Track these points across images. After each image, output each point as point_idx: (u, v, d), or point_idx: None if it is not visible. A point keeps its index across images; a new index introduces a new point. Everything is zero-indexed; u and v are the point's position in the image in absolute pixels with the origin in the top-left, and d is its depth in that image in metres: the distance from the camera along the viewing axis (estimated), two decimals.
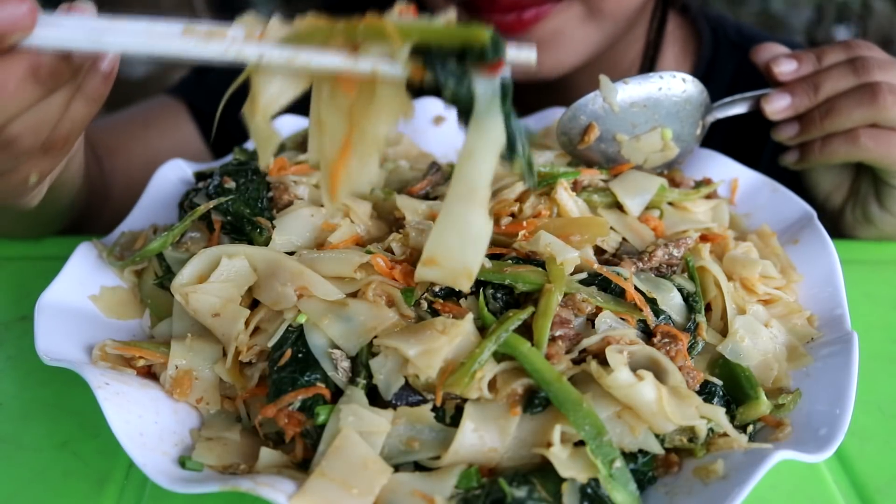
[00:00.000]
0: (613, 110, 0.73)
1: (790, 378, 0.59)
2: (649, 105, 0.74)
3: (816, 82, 0.75)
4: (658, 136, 0.75)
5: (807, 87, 0.76)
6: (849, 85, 0.74)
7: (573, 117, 0.74)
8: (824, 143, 0.77)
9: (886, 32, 3.12)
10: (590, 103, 0.73)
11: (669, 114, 0.75)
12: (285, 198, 0.67)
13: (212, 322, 0.58)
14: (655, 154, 0.76)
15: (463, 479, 0.49)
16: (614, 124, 0.74)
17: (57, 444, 0.58)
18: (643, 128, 0.75)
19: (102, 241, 0.71)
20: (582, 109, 0.74)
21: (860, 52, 0.75)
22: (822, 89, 0.75)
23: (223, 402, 0.58)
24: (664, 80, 0.74)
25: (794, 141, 0.79)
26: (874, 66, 0.74)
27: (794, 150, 0.81)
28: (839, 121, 0.74)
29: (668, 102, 0.74)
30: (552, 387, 0.50)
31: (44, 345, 0.56)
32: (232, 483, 0.46)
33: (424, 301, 0.57)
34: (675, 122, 0.75)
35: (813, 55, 0.77)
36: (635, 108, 0.74)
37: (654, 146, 0.75)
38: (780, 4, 3.29)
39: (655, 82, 0.74)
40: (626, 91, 0.73)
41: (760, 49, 0.79)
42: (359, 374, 0.53)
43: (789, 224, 0.75)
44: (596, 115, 0.73)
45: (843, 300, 0.64)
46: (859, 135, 0.75)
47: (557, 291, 0.55)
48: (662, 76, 0.74)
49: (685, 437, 0.52)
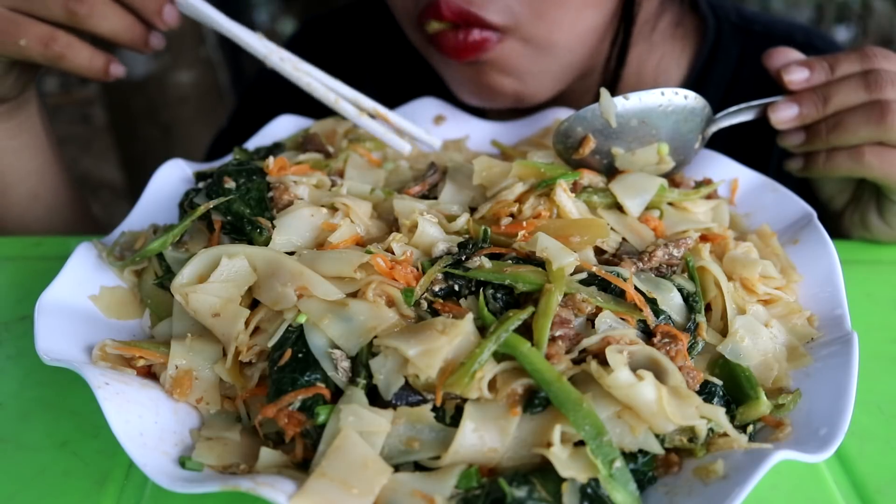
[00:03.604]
0: (611, 125, 0.72)
1: (790, 378, 0.59)
2: (648, 121, 0.73)
3: (826, 94, 0.74)
4: (654, 151, 0.74)
5: (815, 99, 0.74)
6: (859, 100, 0.73)
7: (570, 128, 0.73)
8: (829, 156, 0.76)
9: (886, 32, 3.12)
10: (588, 115, 0.73)
11: (669, 129, 0.74)
12: (285, 198, 0.67)
13: (212, 322, 0.58)
14: (650, 167, 0.75)
15: (463, 479, 0.49)
16: (611, 138, 0.73)
17: (57, 444, 0.58)
18: (641, 142, 0.74)
19: (102, 241, 0.71)
20: (580, 121, 0.73)
21: (875, 65, 0.74)
22: (831, 102, 0.74)
23: (223, 402, 0.58)
24: (665, 97, 0.73)
25: (799, 149, 0.79)
26: (887, 83, 0.72)
27: (799, 157, 0.80)
28: (845, 136, 0.74)
29: (668, 118, 0.73)
30: (552, 387, 0.50)
31: (44, 345, 0.56)
32: (232, 483, 0.46)
33: (424, 301, 0.57)
34: (674, 137, 0.75)
35: (826, 64, 0.75)
36: (633, 123, 0.73)
37: (649, 160, 0.74)
38: (781, 4, 3.29)
39: (656, 98, 0.73)
40: (625, 105, 0.72)
41: (773, 54, 0.78)
42: (359, 374, 0.53)
43: (789, 224, 0.75)
44: (593, 127, 0.73)
45: (843, 300, 0.64)
46: (864, 152, 0.74)
47: (557, 291, 0.55)
48: (664, 92, 0.73)
49: (685, 437, 0.52)
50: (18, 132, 0.91)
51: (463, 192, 0.71)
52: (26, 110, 0.90)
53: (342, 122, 0.88)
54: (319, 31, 1.26)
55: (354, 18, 1.23)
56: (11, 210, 0.94)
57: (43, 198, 0.96)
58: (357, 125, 0.83)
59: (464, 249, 0.61)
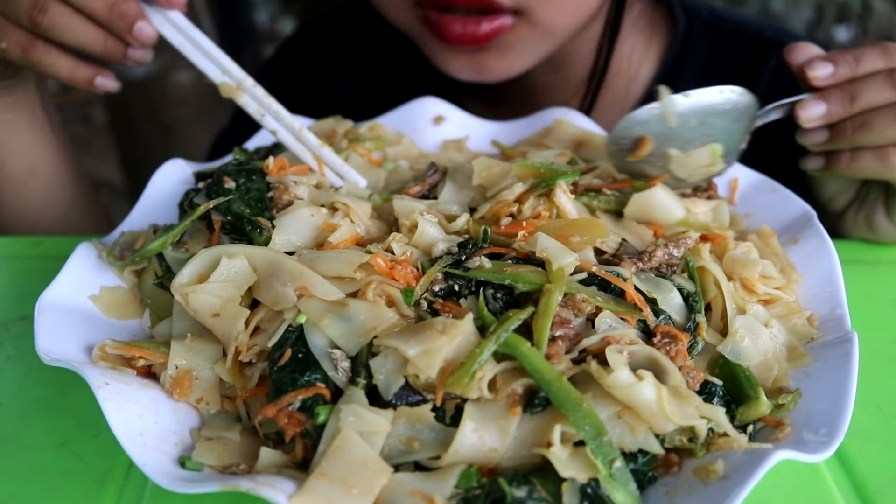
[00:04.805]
0: (670, 124, 0.70)
1: (790, 378, 0.59)
2: (705, 120, 0.71)
3: (853, 92, 0.72)
4: (708, 152, 0.71)
5: (843, 96, 0.73)
6: (886, 99, 0.71)
7: (626, 128, 0.71)
8: (853, 156, 0.75)
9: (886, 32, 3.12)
10: (645, 115, 0.70)
11: (724, 129, 0.72)
12: (285, 198, 0.67)
13: (212, 322, 0.58)
14: (701, 169, 0.72)
15: (463, 479, 0.49)
16: (668, 138, 0.71)
17: (57, 444, 0.58)
18: (696, 143, 0.71)
19: (102, 241, 0.71)
20: (636, 120, 0.70)
21: None
22: (858, 100, 0.72)
23: (223, 402, 0.58)
24: (723, 95, 0.71)
25: (821, 148, 0.77)
26: None
27: (819, 156, 0.78)
28: (871, 136, 0.72)
29: (724, 117, 0.71)
30: (552, 387, 0.50)
31: (44, 345, 0.56)
32: (232, 483, 0.46)
33: (424, 301, 0.57)
34: (727, 137, 0.72)
35: (851, 58, 0.73)
36: (693, 123, 0.70)
37: (702, 162, 0.72)
38: (780, 4, 3.29)
39: (714, 96, 0.71)
40: (685, 104, 0.70)
41: (794, 49, 0.76)
42: (359, 374, 0.53)
43: (789, 224, 0.75)
44: (651, 127, 0.70)
45: (843, 300, 0.64)
46: (890, 153, 0.73)
47: (557, 291, 0.55)
48: (721, 90, 0.71)
49: (685, 437, 0.52)
50: (15, 107, 0.91)
51: (463, 193, 0.71)
52: (24, 86, 0.91)
53: (342, 121, 0.88)
54: (314, 34, 1.26)
55: (349, 20, 1.23)
56: (8, 184, 0.95)
57: (41, 174, 0.96)
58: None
59: (464, 249, 0.61)
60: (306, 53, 1.25)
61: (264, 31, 3.52)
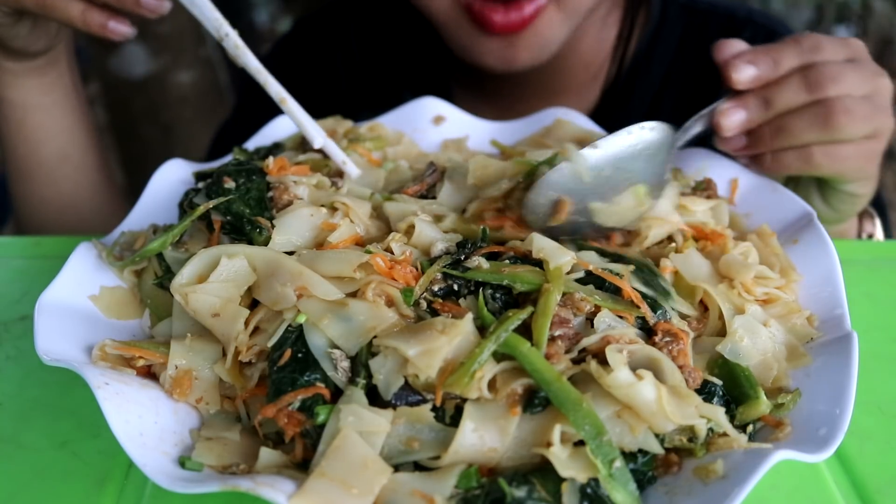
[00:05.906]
0: (584, 179, 0.67)
1: (790, 378, 0.59)
2: (621, 165, 0.68)
3: (768, 97, 0.72)
4: (632, 195, 0.69)
5: (759, 102, 0.72)
6: (801, 101, 0.71)
7: (541, 193, 0.67)
8: (775, 157, 0.75)
9: (886, 32, 3.12)
10: (555, 176, 0.67)
11: (641, 169, 0.69)
12: (285, 198, 0.67)
13: (211, 322, 0.58)
14: (630, 212, 0.69)
15: (463, 478, 0.49)
16: (587, 193, 0.67)
17: (57, 444, 0.58)
18: (618, 189, 0.68)
19: (102, 241, 0.71)
20: (549, 184, 0.67)
21: (814, 57, 0.72)
22: (774, 105, 0.72)
23: (223, 402, 0.58)
24: (633, 136, 0.69)
25: (742, 154, 0.78)
26: (828, 79, 0.70)
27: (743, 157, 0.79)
28: (790, 139, 0.73)
29: (639, 158, 0.69)
30: (552, 386, 0.50)
31: (44, 345, 0.56)
32: (232, 483, 0.46)
33: (424, 301, 0.57)
34: (647, 175, 0.69)
35: (770, 58, 0.72)
36: (607, 172, 0.68)
37: (629, 205, 0.69)
38: (780, 4, 3.29)
39: (624, 140, 0.69)
40: (595, 156, 0.68)
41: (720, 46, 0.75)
42: (358, 374, 0.53)
43: (789, 224, 0.75)
44: (566, 187, 0.67)
45: (843, 300, 0.64)
46: (813, 153, 0.73)
47: (556, 291, 0.55)
48: (631, 131, 0.69)
49: (685, 436, 0.52)
50: (50, 89, 0.92)
51: (461, 192, 0.71)
52: (57, 68, 0.91)
53: (342, 121, 0.88)
54: (311, 29, 1.27)
55: (345, 14, 1.24)
56: (41, 168, 0.95)
57: (72, 157, 0.97)
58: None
59: (462, 249, 0.61)
60: (303, 49, 1.26)
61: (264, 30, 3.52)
